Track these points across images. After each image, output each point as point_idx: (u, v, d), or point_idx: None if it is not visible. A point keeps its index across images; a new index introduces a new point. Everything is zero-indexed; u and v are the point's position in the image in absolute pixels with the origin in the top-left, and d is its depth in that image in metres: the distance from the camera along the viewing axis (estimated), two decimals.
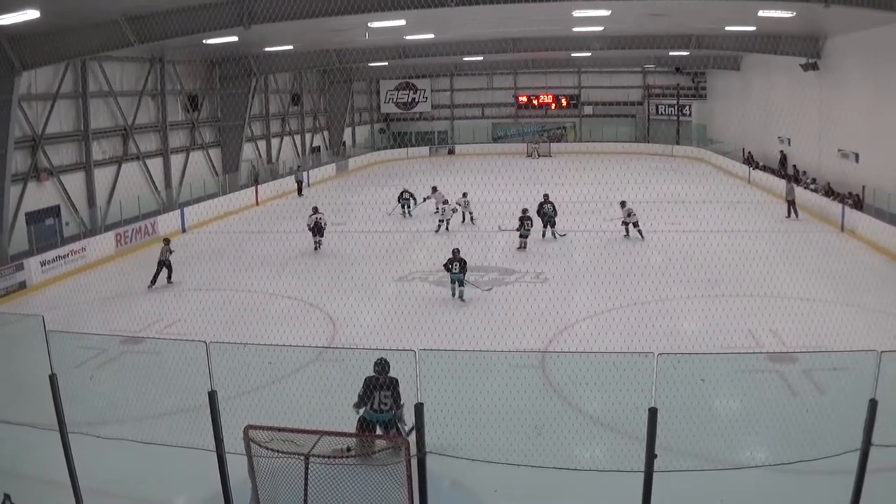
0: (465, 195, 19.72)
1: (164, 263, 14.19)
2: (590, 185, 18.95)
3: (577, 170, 16.93)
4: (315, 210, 17.90)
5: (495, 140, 46.00)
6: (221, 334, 10.33)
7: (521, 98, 45.92)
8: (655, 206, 20.17)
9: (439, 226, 18.63)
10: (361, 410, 6.92)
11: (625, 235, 17.12)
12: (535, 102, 44.84)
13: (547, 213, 17.09)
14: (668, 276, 13.34)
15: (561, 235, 16.97)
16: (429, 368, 5.67)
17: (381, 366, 6.95)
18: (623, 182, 18.92)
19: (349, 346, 9.96)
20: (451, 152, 44.63)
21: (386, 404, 6.85)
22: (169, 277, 14.32)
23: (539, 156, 40.37)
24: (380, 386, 6.86)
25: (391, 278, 13.98)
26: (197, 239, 18.31)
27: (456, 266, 12.72)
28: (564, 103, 45.18)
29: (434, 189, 20.19)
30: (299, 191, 28.26)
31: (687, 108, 40.57)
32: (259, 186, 26.53)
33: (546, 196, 17.26)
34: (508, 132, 46.38)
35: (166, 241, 14.77)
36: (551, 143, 42.45)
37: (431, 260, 14.80)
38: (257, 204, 25.66)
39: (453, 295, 12.71)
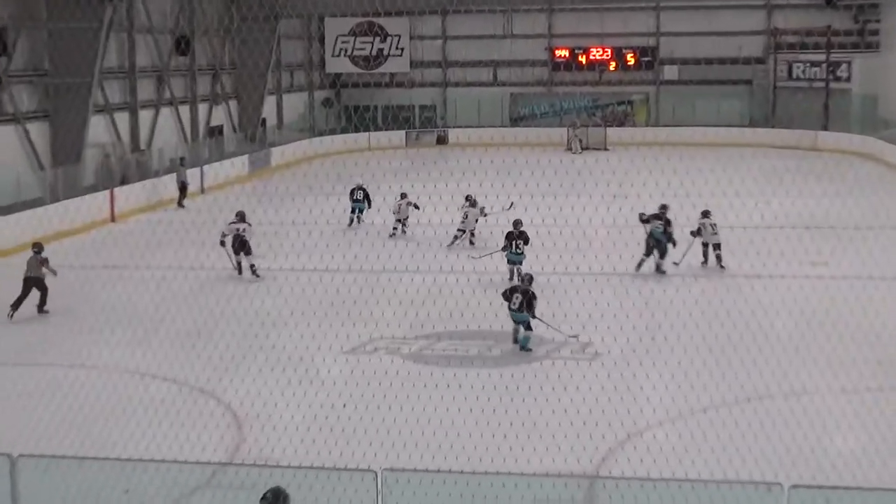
0: (469, 200, 21.95)
1: (34, 282, 16.12)
2: (670, 198, 19.77)
3: (650, 174, 17.48)
4: (240, 217, 19.31)
5: (515, 122, 46.68)
6: (43, 440, 10.55)
7: (559, 52, 46.46)
8: (783, 234, 20.95)
9: (394, 230, 22.23)
10: None
11: (702, 263, 19.22)
12: (581, 60, 46.14)
13: (656, 237, 18.89)
14: (803, 354, 13.76)
15: (675, 263, 19.05)
16: (399, 502, 5.89)
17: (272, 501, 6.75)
18: (727, 194, 19.52)
19: (264, 461, 10.13)
20: (441, 141, 45.23)
21: None
22: (41, 305, 16.50)
23: (582, 149, 41.25)
24: None
25: (337, 349, 14.37)
26: (2, 277, 18.41)
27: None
28: (631, 61, 45.83)
29: (403, 196, 23.36)
30: (180, 199, 29.02)
31: (844, 67, 41.45)
32: (117, 190, 27.11)
33: (665, 207, 19.26)
34: (537, 109, 46.82)
35: (37, 247, 16.66)
36: (607, 129, 43.64)
37: (406, 315, 15.37)
38: (113, 220, 26.18)
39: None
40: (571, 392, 12.11)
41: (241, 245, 19.23)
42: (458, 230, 21.82)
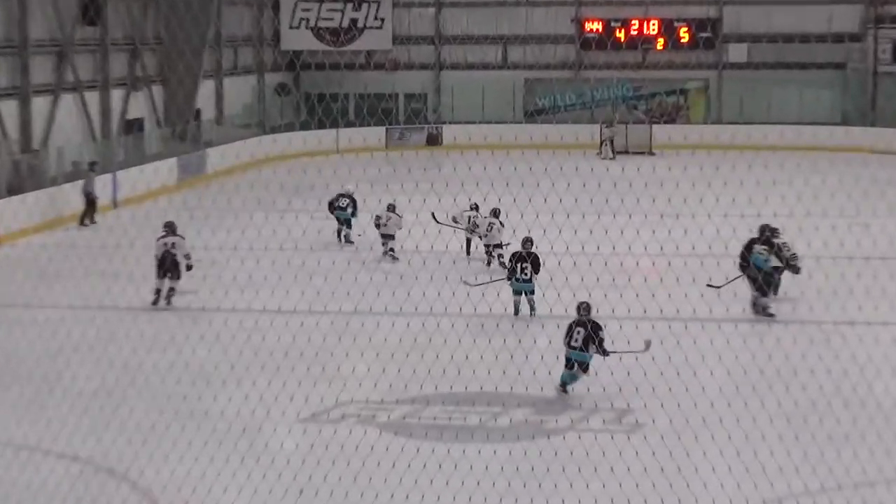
0: (475, 208, 24.06)
1: None
2: (735, 218, 19.29)
3: (709, 187, 17.45)
4: (169, 230, 19.99)
5: (531, 117, 47.10)
6: None
7: (589, 25, 46.98)
8: (885, 267, 21.04)
9: (389, 250, 24.74)
10: None
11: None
12: (619, 35, 46.68)
13: (760, 265, 19.44)
14: None
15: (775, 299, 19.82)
16: None
17: None
18: (811, 213, 19.24)
19: None
20: (433, 142, 45.53)
21: None
22: None
23: (618, 154, 41.73)
24: None
25: (292, 416, 14.37)
26: None
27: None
28: (685, 37, 46.19)
29: (391, 208, 24.91)
30: (85, 216, 29.00)
31: None
32: (1, 203, 27.18)
33: (770, 230, 19.98)
34: (560, 100, 47.38)
35: None
36: (653, 126, 44.52)
37: (385, 371, 15.21)
38: None
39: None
40: (604, 475, 12.11)
41: (172, 265, 19.96)
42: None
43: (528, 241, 19.76)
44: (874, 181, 32.67)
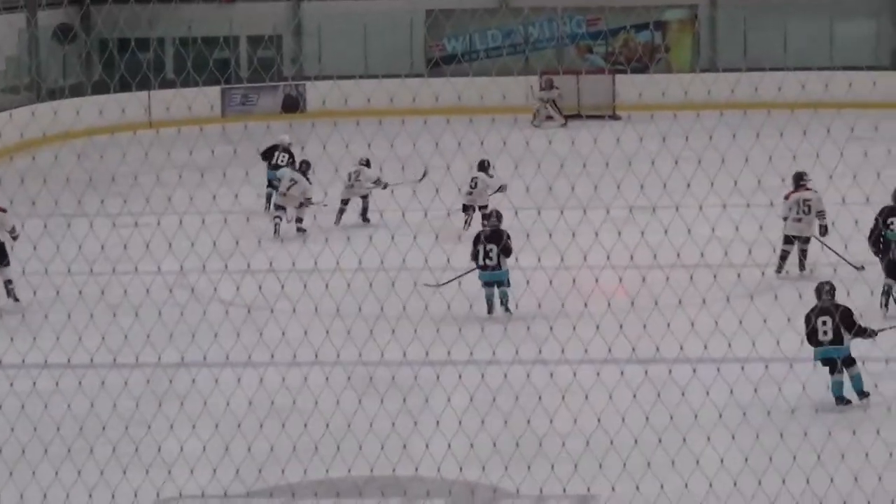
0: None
1: None
2: (739, 209, 19.49)
3: (699, 164, 17.62)
4: None
5: (435, 66, 47.47)
6: None
7: None
8: None
9: (341, 214, 31.07)
10: None
11: (800, 271, 23.29)
12: None
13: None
14: None
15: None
16: None
17: None
18: (845, 199, 19.58)
19: None
20: (291, 107, 45.77)
21: None
22: None
23: (565, 119, 42.78)
24: None
25: None
26: None
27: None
28: None
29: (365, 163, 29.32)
30: None
31: None
32: None
33: None
34: (478, 42, 48.49)
35: None
36: (616, 76, 45.74)
37: (230, 450, 15.20)
38: None
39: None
40: None
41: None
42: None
43: (492, 215, 22.10)
44: None
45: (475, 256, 22.40)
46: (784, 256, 26.21)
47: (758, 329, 18.01)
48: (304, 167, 30.80)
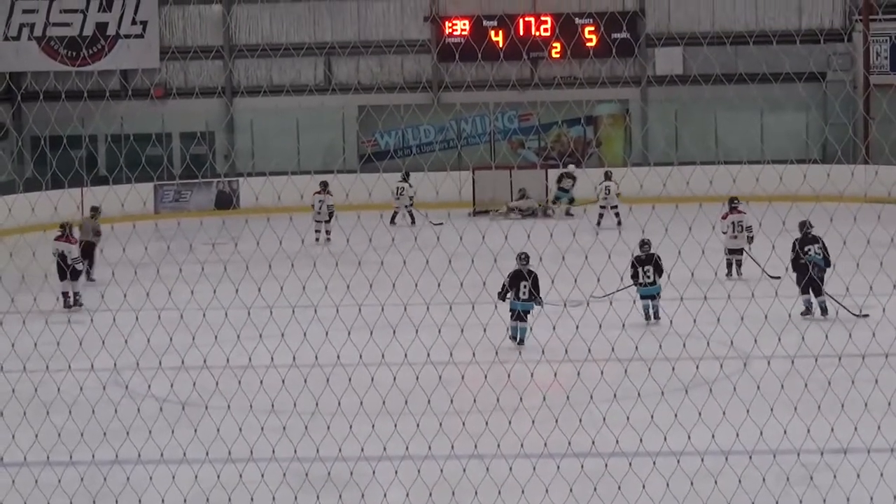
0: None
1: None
2: (668, 303, 19.50)
3: (629, 268, 17.74)
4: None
5: (368, 161, 47.67)
6: None
7: (451, 24, 48.14)
8: None
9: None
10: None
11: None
12: (495, 40, 48.19)
13: (816, 262, 27.19)
14: None
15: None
16: None
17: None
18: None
19: None
20: (224, 203, 45.65)
21: None
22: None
23: (507, 212, 43.26)
24: None
25: None
26: None
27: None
28: (593, 40, 47.44)
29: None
30: None
31: None
32: None
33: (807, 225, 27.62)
34: (410, 137, 48.27)
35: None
36: (548, 170, 45.47)
37: None
38: None
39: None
40: None
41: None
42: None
43: (645, 244, 25.14)
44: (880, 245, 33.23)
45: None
46: (729, 264, 31.97)
47: (692, 422, 18.18)
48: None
